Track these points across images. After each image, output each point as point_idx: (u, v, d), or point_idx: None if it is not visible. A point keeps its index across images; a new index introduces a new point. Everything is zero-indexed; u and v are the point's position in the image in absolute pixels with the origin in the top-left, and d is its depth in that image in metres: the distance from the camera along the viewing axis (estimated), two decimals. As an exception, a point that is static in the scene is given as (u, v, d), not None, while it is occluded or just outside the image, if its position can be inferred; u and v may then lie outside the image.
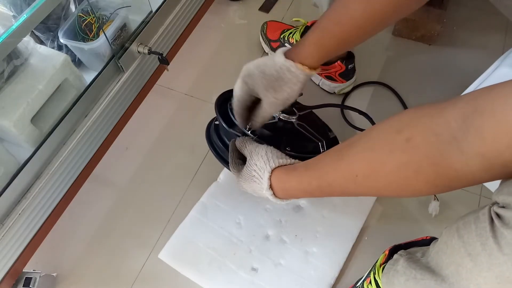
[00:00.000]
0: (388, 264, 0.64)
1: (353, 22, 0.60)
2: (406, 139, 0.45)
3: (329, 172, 0.55)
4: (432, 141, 0.43)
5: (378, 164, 0.49)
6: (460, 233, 0.45)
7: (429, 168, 0.44)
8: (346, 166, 0.53)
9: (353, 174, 0.51)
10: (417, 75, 1.06)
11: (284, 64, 0.62)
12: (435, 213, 0.83)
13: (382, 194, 0.54)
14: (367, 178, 0.50)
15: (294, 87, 0.63)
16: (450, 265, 0.48)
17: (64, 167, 0.79)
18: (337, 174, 0.54)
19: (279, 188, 0.61)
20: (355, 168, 0.51)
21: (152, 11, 0.91)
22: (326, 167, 0.56)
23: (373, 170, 0.49)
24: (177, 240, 0.84)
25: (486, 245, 0.41)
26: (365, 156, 0.50)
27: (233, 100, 0.70)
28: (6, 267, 0.73)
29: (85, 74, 0.88)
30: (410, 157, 0.45)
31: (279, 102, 0.65)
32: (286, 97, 0.64)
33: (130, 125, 0.96)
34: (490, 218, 0.41)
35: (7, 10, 0.75)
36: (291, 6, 1.22)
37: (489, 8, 0.74)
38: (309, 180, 0.58)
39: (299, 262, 0.80)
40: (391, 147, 0.47)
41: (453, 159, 0.42)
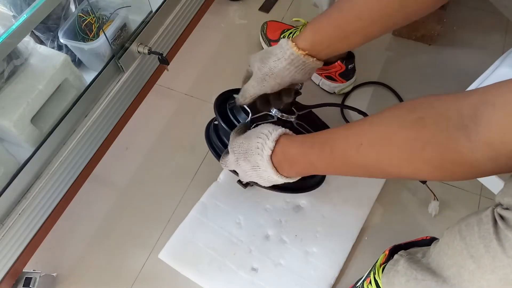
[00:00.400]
0: (388, 265, 0.64)
1: (355, 11, 0.59)
2: (418, 117, 0.46)
3: (335, 138, 0.54)
4: (442, 124, 0.43)
5: (385, 135, 0.49)
6: (463, 234, 0.45)
7: (434, 148, 0.44)
8: (352, 134, 0.52)
9: (358, 142, 0.51)
10: (417, 75, 1.06)
11: (282, 40, 0.62)
12: (434, 212, 0.83)
13: (381, 168, 0.51)
14: (371, 147, 0.50)
15: (278, 62, 0.62)
16: (451, 267, 0.48)
17: (64, 167, 0.79)
18: (342, 140, 0.53)
19: (279, 150, 0.58)
20: (361, 137, 0.51)
21: (152, 11, 0.91)
22: (333, 135, 0.55)
23: (379, 140, 0.49)
24: (177, 240, 0.84)
25: (489, 247, 0.41)
26: (374, 128, 0.50)
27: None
28: (6, 267, 0.73)
29: (85, 74, 0.88)
30: (418, 134, 0.45)
31: (260, 75, 0.64)
32: (267, 71, 0.63)
33: (130, 125, 0.96)
34: (493, 220, 0.41)
35: (7, 10, 0.75)
36: (291, 6, 1.22)
37: (489, 8, 0.74)
38: (313, 142, 0.56)
39: (299, 262, 0.80)
40: (402, 123, 0.47)
41: (459, 144, 0.42)
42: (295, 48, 0.61)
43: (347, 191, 0.87)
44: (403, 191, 0.88)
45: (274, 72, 0.63)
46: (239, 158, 0.62)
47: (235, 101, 0.71)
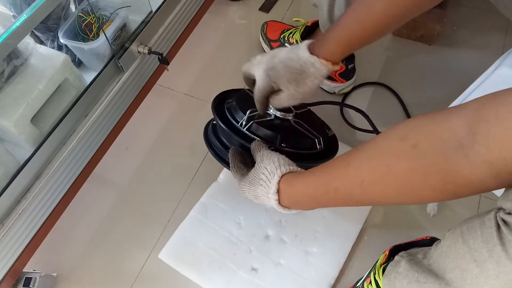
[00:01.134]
0: (389, 266, 0.64)
1: (375, 21, 0.61)
2: (412, 145, 0.45)
3: (336, 177, 0.55)
4: (438, 148, 0.43)
5: (384, 170, 0.48)
6: (465, 238, 0.45)
7: (436, 175, 0.44)
8: (352, 171, 0.52)
9: (360, 179, 0.51)
10: (417, 75, 1.06)
11: (309, 59, 0.63)
12: (433, 212, 0.83)
13: (388, 201, 0.53)
14: (374, 184, 0.50)
15: (316, 81, 0.65)
16: (454, 269, 0.47)
17: (64, 167, 0.79)
18: (344, 179, 0.54)
19: (285, 193, 0.60)
20: (361, 174, 0.51)
21: (152, 11, 0.91)
22: (333, 172, 0.56)
23: (379, 176, 0.49)
24: (177, 240, 0.84)
25: (493, 252, 0.41)
26: (372, 163, 0.50)
27: (255, 89, 0.70)
28: (6, 267, 0.73)
29: (85, 74, 0.88)
30: (417, 164, 0.45)
31: (299, 96, 0.67)
32: (306, 90, 0.66)
33: (130, 125, 0.96)
34: (496, 224, 0.41)
35: (7, 10, 0.75)
36: (291, 6, 1.22)
37: (489, 8, 0.74)
38: (316, 185, 0.57)
39: (299, 262, 0.80)
40: (397, 154, 0.47)
41: (460, 166, 0.41)
42: (330, 66, 0.64)
43: (347, 191, 0.87)
44: (403, 191, 0.88)
45: (312, 89, 0.66)
46: (250, 198, 0.67)
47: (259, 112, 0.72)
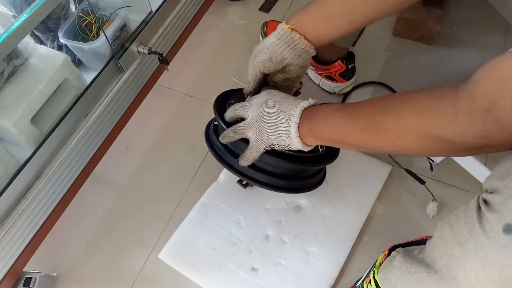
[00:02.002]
0: (385, 261, 0.65)
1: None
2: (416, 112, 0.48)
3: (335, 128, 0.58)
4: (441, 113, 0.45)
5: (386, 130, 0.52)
6: (451, 223, 0.46)
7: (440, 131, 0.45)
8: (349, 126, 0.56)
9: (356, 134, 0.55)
10: (417, 75, 1.06)
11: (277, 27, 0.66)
12: (433, 214, 0.83)
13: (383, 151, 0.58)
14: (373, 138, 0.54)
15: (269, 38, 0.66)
16: (442, 257, 0.49)
17: (64, 167, 0.79)
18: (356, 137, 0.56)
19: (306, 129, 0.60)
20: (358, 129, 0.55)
21: (152, 11, 0.91)
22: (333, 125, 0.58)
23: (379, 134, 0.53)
24: (177, 240, 0.84)
25: (472, 232, 0.42)
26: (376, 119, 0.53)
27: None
28: (6, 267, 0.73)
29: (85, 74, 0.88)
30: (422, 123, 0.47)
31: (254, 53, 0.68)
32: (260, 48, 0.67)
33: (130, 125, 0.96)
34: (477, 205, 0.43)
35: (7, 10, 0.75)
36: (291, 6, 1.22)
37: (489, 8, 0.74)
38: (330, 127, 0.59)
39: (299, 262, 0.80)
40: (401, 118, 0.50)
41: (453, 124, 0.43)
42: (283, 24, 0.65)
43: (347, 191, 0.87)
44: (402, 191, 0.88)
45: (265, 47, 0.66)
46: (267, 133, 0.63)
47: (243, 90, 0.73)
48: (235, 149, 0.73)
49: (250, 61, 0.69)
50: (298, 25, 0.65)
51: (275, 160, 0.70)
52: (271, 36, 0.66)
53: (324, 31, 0.65)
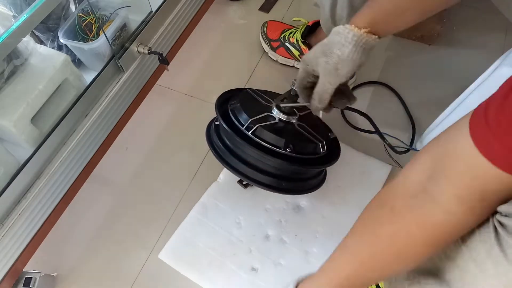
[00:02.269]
0: None
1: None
2: (389, 209, 0.48)
3: (341, 267, 0.56)
4: (411, 203, 0.45)
5: (373, 241, 0.50)
6: (463, 238, 0.45)
7: (418, 230, 0.45)
8: (350, 255, 0.54)
9: (359, 261, 0.53)
10: (417, 75, 1.06)
11: (335, 29, 0.61)
12: None
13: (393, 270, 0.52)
14: (371, 259, 0.51)
15: (343, 48, 0.60)
16: (453, 269, 0.48)
17: (64, 167, 0.79)
18: (347, 266, 0.55)
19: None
20: (357, 254, 0.53)
21: (152, 11, 0.91)
22: (337, 263, 0.58)
23: (371, 249, 0.51)
24: (177, 240, 0.84)
25: (491, 253, 0.41)
26: (362, 239, 0.52)
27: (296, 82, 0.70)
28: (6, 267, 0.73)
29: (85, 74, 0.88)
30: (398, 225, 0.47)
31: (330, 67, 0.62)
32: (336, 60, 0.61)
33: (130, 125, 0.96)
34: (493, 226, 0.42)
35: (7, 10, 0.75)
36: (291, 6, 1.22)
37: (489, 8, 0.74)
38: (329, 281, 0.58)
39: (299, 262, 0.80)
40: (380, 221, 0.49)
41: (434, 213, 0.43)
42: (356, 29, 0.59)
43: (347, 191, 0.87)
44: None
45: (343, 59, 0.61)
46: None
47: (311, 108, 0.69)
48: (235, 149, 0.73)
49: (328, 78, 0.63)
50: (370, 25, 0.59)
51: (276, 162, 0.70)
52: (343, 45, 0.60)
53: (396, 25, 0.62)
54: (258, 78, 1.07)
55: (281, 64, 1.08)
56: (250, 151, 0.71)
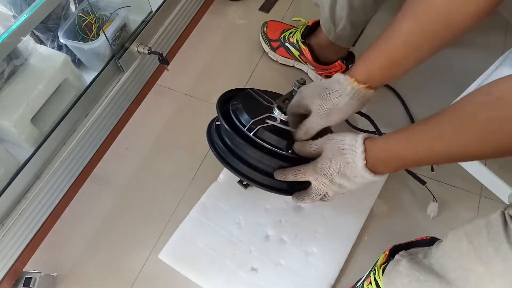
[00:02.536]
0: (389, 265, 0.64)
1: (400, 38, 0.59)
2: (497, 98, 0.45)
3: (416, 131, 0.55)
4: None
5: (467, 119, 0.48)
6: (470, 237, 0.45)
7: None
8: (432, 124, 0.52)
9: (438, 132, 0.51)
10: (417, 75, 1.05)
11: (336, 76, 0.63)
12: (433, 214, 0.83)
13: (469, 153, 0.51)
14: (455, 134, 0.49)
15: (340, 98, 0.63)
16: (456, 269, 0.47)
17: (64, 167, 0.79)
18: (423, 133, 0.53)
19: (370, 153, 0.59)
20: (442, 126, 0.51)
21: (152, 11, 0.91)
22: (413, 127, 0.56)
23: (462, 125, 0.49)
24: (177, 240, 0.84)
25: (500, 250, 0.41)
26: (455, 114, 0.50)
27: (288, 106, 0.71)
28: (6, 267, 0.73)
29: (85, 74, 0.88)
30: (502, 112, 0.44)
31: (323, 111, 0.64)
32: (330, 107, 0.63)
33: (130, 125, 0.96)
34: (503, 222, 0.41)
35: (7, 10, 0.75)
36: (291, 6, 1.22)
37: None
38: (396, 140, 0.57)
39: (299, 262, 0.80)
40: (483, 105, 0.47)
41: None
42: (355, 83, 0.62)
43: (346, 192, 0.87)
44: (403, 191, 0.88)
45: (338, 108, 0.64)
46: (333, 178, 0.63)
47: (294, 136, 0.70)
48: (237, 149, 0.73)
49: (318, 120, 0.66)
50: (368, 79, 0.62)
51: (278, 163, 0.70)
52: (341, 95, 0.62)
53: (393, 75, 0.64)
54: (258, 78, 1.07)
55: (281, 64, 1.08)
56: (251, 152, 0.71)
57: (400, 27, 0.59)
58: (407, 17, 0.58)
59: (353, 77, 0.62)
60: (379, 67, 0.62)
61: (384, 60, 0.61)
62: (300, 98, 0.68)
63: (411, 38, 0.59)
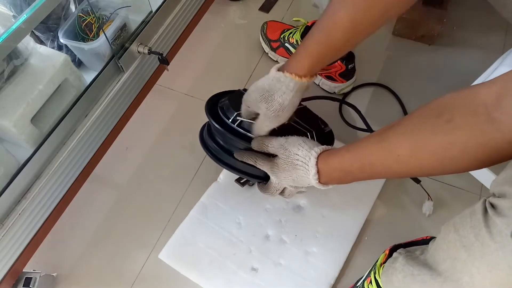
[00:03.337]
0: (387, 263, 0.65)
1: (339, 29, 0.61)
2: (446, 120, 0.47)
3: (371, 152, 0.56)
4: (472, 121, 0.45)
5: (421, 144, 0.50)
6: (456, 227, 0.46)
7: (475, 148, 0.46)
8: (388, 146, 0.54)
9: (395, 154, 0.53)
10: (417, 75, 1.06)
11: (275, 75, 0.64)
12: (428, 212, 0.84)
13: (423, 171, 0.55)
14: (411, 158, 0.52)
15: (285, 95, 0.64)
16: (446, 260, 0.49)
17: (64, 167, 0.79)
18: (379, 154, 0.55)
19: (323, 173, 0.62)
20: (397, 148, 0.53)
21: (152, 11, 0.91)
22: (368, 148, 0.57)
23: (416, 150, 0.51)
24: (177, 240, 0.84)
25: (479, 235, 0.42)
26: (408, 138, 0.52)
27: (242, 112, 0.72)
28: (6, 267, 0.73)
29: (85, 74, 0.88)
30: (452, 138, 0.47)
31: (271, 114, 0.65)
32: (277, 107, 0.65)
33: (130, 125, 0.96)
34: (484, 209, 0.43)
35: (7, 10, 0.75)
36: (291, 6, 1.22)
37: (489, 8, 0.74)
38: (351, 161, 0.59)
39: (299, 262, 0.80)
40: (434, 129, 0.49)
41: (494, 136, 0.43)
42: (297, 78, 0.63)
43: (347, 191, 0.87)
44: (403, 191, 0.88)
45: (285, 106, 0.65)
46: (288, 183, 0.67)
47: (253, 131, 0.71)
48: (226, 144, 0.75)
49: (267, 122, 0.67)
50: (309, 71, 0.63)
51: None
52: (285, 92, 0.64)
53: (331, 61, 0.66)
54: (258, 78, 1.07)
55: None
56: (238, 144, 0.72)
57: (339, 17, 0.60)
58: (345, 7, 0.59)
59: (294, 72, 0.63)
60: (319, 57, 0.63)
61: (325, 50, 0.62)
62: (245, 107, 0.69)
63: (349, 29, 0.60)
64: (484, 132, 0.44)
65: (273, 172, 0.67)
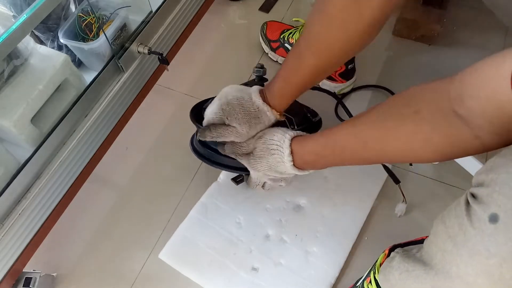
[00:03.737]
0: (385, 262, 0.65)
1: (308, 70, 0.65)
2: (414, 111, 0.49)
3: (343, 137, 0.60)
4: (438, 114, 0.47)
5: (388, 131, 0.53)
6: (443, 219, 0.47)
7: (441, 139, 0.48)
8: (357, 132, 0.57)
9: (364, 140, 0.56)
10: (416, 75, 1.06)
11: (263, 107, 0.69)
12: (400, 213, 0.84)
13: (388, 158, 0.59)
14: (376, 144, 0.55)
15: (263, 128, 0.71)
16: (437, 253, 0.50)
17: (64, 167, 0.79)
18: (349, 139, 0.59)
19: (297, 154, 0.65)
20: (365, 134, 0.56)
21: (152, 11, 0.91)
22: (340, 132, 0.61)
23: (383, 137, 0.54)
24: (177, 240, 0.84)
25: (462, 225, 0.43)
26: (376, 125, 0.55)
27: (204, 120, 0.73)
28: (6, 267, 0.73)
29: (85, 74, 0.88)
30: (420, 128, 0.49)
31: (247, 136, 0.71)
32: (253, 133, 0.71)
33: (130, 125, 0.96)
34: (466, 199, 0.44)
35: (7, 10, 0.75)
36: (291, 6, 1.22)
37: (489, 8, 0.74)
38: (324, 145, 0.62)
39: (299, 262, 0.80)
40: (401, 118, 0.51)
41: (462, 130, 0.45)
42: (277, 114, 0.70)
43: (347, 191, 0.87)
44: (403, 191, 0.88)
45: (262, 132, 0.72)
46: (265, 172, 0.71)
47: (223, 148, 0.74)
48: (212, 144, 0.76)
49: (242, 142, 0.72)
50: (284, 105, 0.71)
51: None
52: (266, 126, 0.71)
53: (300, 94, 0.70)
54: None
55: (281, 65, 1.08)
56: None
57: (305, 60, 0.64)
58: (311, 54, 0.63)
59: (274, 108, 0.70)
60: (296, 94, 0.69)
61: (298, 89, 0.68)
62: (222, 117, 0.71)
63: (316, 69, 0.65)
64: (452, 125, 0.46)
65: (250, 164, 0.70)
